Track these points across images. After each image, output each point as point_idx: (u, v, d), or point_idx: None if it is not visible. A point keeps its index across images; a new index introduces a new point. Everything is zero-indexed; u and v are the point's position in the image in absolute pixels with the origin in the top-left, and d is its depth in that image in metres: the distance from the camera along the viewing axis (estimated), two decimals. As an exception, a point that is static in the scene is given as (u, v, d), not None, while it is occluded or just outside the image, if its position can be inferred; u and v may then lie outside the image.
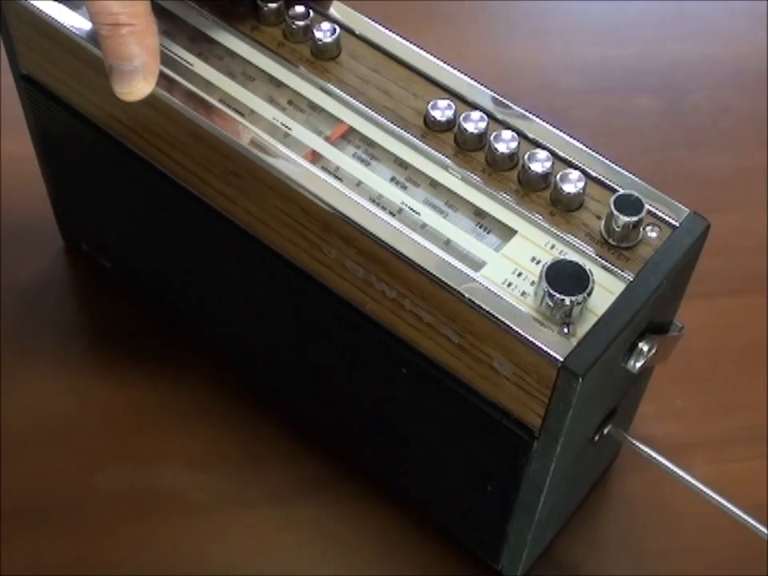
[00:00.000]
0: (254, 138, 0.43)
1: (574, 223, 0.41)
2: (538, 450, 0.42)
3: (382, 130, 0.44)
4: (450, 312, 0.41)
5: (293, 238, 0.45)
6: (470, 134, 0.42)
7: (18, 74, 0.52)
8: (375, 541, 0.53)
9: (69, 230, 0.61)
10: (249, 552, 0.53)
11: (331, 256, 0.44)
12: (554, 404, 0.40)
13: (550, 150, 0.42)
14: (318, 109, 0.44)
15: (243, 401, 0.57)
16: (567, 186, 0.41)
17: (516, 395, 0.41)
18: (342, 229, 0.42)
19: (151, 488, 0.54)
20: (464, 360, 0.42)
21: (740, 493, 0.55)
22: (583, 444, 0.46)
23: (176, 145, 0.47)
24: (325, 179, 0.42)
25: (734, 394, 0.59)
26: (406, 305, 0.42)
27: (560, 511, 0.51)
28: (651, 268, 0.40)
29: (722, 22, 0.77)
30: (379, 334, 0.45)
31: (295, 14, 0.46)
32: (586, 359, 0.38)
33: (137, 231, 0.55)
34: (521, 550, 0.49)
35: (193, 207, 0.48)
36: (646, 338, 0.41)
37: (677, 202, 0.42)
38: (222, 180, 0.46)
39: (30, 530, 0.53)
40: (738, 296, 0.62)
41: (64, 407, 0.57)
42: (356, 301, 0.45)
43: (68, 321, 0.60)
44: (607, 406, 0.46)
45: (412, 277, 0.41)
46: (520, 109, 0.44)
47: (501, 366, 0.41)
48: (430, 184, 0.42)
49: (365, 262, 0.42)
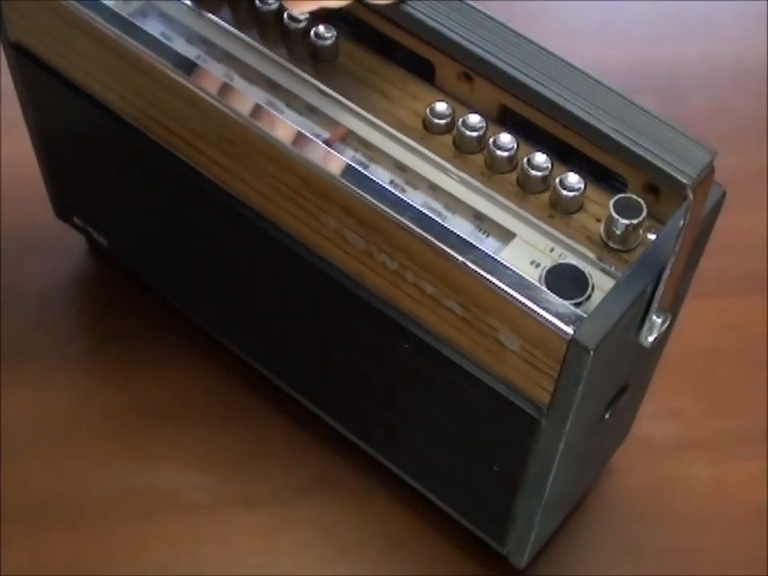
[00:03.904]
0: (250, 103, 0.43)
1: (574, 226, 0.41)
2: (547, 427, 0.41)
3: (380, 132, 0.43)
4: (453, 283, 0.40)
5: (290, 208, 0.44)
6: (469, 137, 0.42)
7: (7, 42, 0.51)
8: (376, 541, 0.53)
9: (61, 204, 0.60)
10: (249, 552, 0.53)
11: (329, 226, 0.43)
12: (563, 379, 0.39)
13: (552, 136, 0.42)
14: (316, 111, 0.44)
15: (244, 401, 0.57)
16: (566, 188, 0.41)
17: (523, 370, 0.41)
18: (341, 197, 0.41)
19: (151, 488, 0.54)
20: (468, 334, 0.41)
21: (740, 493, 0.55)
22: (593, 422, 0.45)
23: (170, 112, 0.46)
24: (323, 146, 0.42)
25: (734, 394, 0.59)
26: (408, 276, 0.42)
27: (569, 493, 0.50)
28: (666, 237, 0.40)
29: (722, 22, 0.77)
30: (380, 307, 0.44)
31: (294, 16, 0.45)
32: (597, 332, 0.37)
33: (130, 203, 0.54)
34: (528, 533, 0.48)
35: (187, 177, 0.48)
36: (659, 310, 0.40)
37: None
38: (217, 148, 0.45)
39: (30, 529, 0.53)
40: (738, 296, 0.62)
41: (64, 407, 0.57)
42: (355, 274, 0.44)
43: (68, 321, 0.60)
44: (618, 382, 0.45)
45: (414, 246, 0.40)
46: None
47: (507, 340, 0.40)
48: (429, 187, 0.42)
49: (365, 232, 0.42)
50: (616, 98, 0.38)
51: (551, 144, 0.43)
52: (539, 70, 0.38)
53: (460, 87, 0.44)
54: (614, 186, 0.42)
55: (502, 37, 0.39)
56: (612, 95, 0.38)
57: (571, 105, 0.37)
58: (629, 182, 0.41)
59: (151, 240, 0.56)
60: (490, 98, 0.43)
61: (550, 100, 0.38)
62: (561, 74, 0.38)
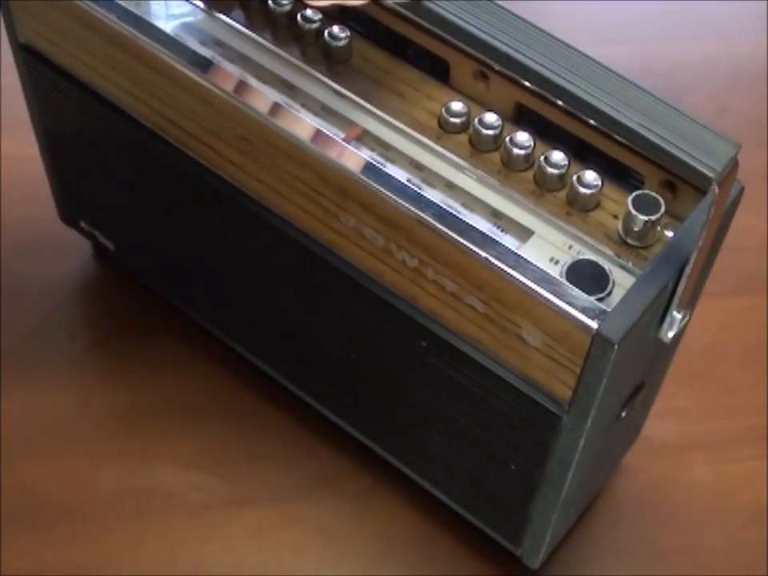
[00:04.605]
0: (267, 100, 0.43)
1: (591, 223, 0.41)
2: (567, 424, 0.41)
3: (396, 132, 0.43)
4: (475, 279, 0.40)
5: (307, 206, 0.44)
6: (486, 135, 0.42)
7: (16, 43, 0.51)
8: (376, 540, 0.53)
9: (68, 208, 0.59)
10: (249, 552, 0.53)
11: (349, 225, 0.43)
12: (586, 374, 0.39)
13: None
14: (332, 112, 0.44)
15: (243, 401, 0.57)
16: (584, 185, 0.41)
17: (545, 366, 0.40)
18: (360, 194, 0.41)
19: (151, 488, 0.54)
20: (489, 331, 0.41)
21: (740, 493, 0.55)
22: (611, 420, 0.44)
23: (183, 111, 0.46)
24: (342, 143, 0.41)
25: (734, 394, 0.59)
26: (429, 274, 0.42)
27: (583, 493, 0.50)
28: (686, 232, 0.39)
29: (722, 22, 0.77)
30: (398, 306, 0.44)
31: (307, 17, 0.45)
32: (621, 326, 0.37)
33: (140, 206, 0.54)
34: (544, 533, 0.47)
35: (201, 177, 0.47)
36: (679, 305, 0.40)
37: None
38: (232, 147, 0.45)
39: (30, 529, 0.53)
40: (738, 296, 0.62)
41: (64, 407, 0.57)
42: (374, 272, 0.44)
43: (69, 321, 0.60)
44: (636, 379, 0.45)
45: (435, 243, 0.40)
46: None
47: (529, 336, 0.40)
48: (446, 185, 0.42)
49: (384, 229, 0.42)
50: (638, 92, 0.38)
51: (567, 142, 0.42)
52: (559, 63, 0.38)
53: (475, 86, 0.44)
54: (631, 183, 0.42)
55: (521, 30, 0.39)
56: (634, 89, 0.38)
57: (594, 99, 0.37)
58: (646, 178, 0.41)
59: (161, 243, 0.55)
60: (505, 97, 0.43)
61: (573, 94, 0.37)
62: (581, 67, 0.38)
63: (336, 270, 0.45)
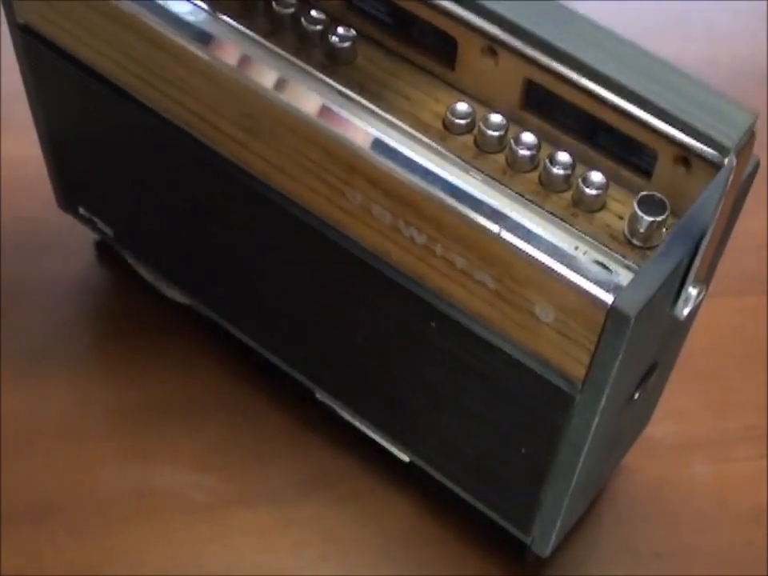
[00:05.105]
0: (271, 75, 0.42)
1: (597, 224, 0.41)
2: (581, 403, 0.40)
3: (400, 133, 0.42)
4: (486, 255, 0.39)
5: (313, 184, 0.43)
6: (491, 136, 0.42)
7: (14, 23, 0.50)
8: (376, 541, 0.53)
9: (66, 194, 0.58)
10: (249, 552, 0.53)
11: (355, 202, 0.42)
12: (600, 351, 0.38)
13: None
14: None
15: (244, 401, 0.57)
16: (589, 186, 0.40)
17: (558, 344, 0.39)
18: (367, 169, 0.40)
19: (151, 488, 0.54)
20: (500, 308, 0.40)
21: (740, 493, 0.55)
22: (624, 401, 0.43)
23: (185, 89, 0.45)
24: (349, 117, 0.41)
25: (734, 393, 0.59)
26: (437, 250, 0.41)
27: (594, 480, 0.49)
28: (702, 206, 0.38)
29: (722, 22, 0.77)
30: (406, 285, 0.43)
31: (312, 19, 0.45)
32: (637, 300, 0.36)
33: (140, 189, 0.53)
34: (554, 520, 0.46)
35: (203, 157, 0.46)
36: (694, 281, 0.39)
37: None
38: (235, 124, 0.44)
39: (30, 529, 0.53)
40: (738, 296, 0.62)
41: (65, 406, 0.57)
42: (381, 251, 0.43)
43: (69, 320, 0.60)
44: (649, 358, 0.44)
45: (445, 218, 0.39)
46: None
47: (542, 312, 0.39)
48: None
49: (392, 205, 0.41)
50: (651, 61, 0.37)
51: (577, 119, 0.41)
52: (570, 34, 0.37)
53: (483, 63, 0.42)
54: (644, 160, 0.41)
55: (531, 2, 0.38)
56: (647, 58, 0.37)
57: (606, 68, 0.37)
58: (659, 154, 0.40)
59: (162, 227, 0.54)
60: (515, 73, 0.42)
61: (584, 63, 0.37)
62: (592, 37, 0.37)
63: (342, 249, 0.44)
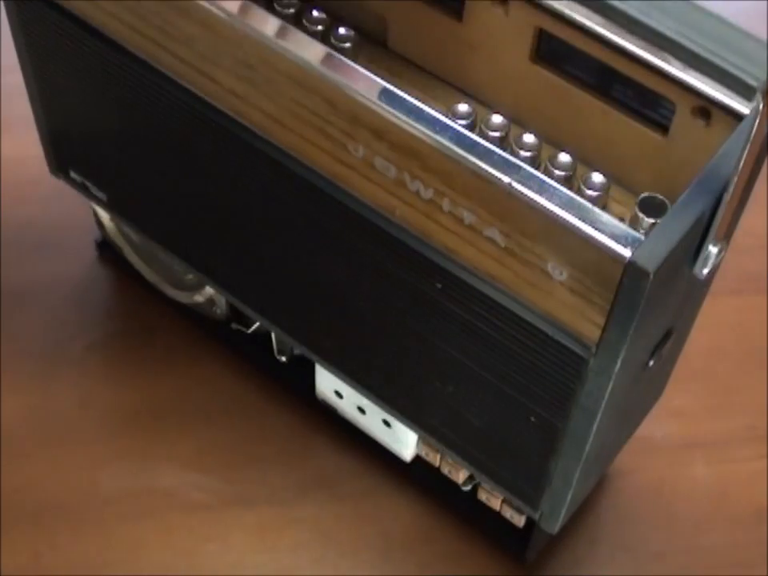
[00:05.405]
0: (271, 22, 0.40)
1: None
2: (594, 367, 0.38)
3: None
4: (496, 208, 0.37)
5: (314, 137, 0.41)
6: (492, 137, 0.41)
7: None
8: (376, 541, 0.53)
9: (58, 157, 0.56)
10: (249, 552, 0.53)
11: (358, 155, 0.40)
12: (616, 311, 0.36)
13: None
14: None
15: (244, 401, 0.57)
16: (590, 188, 0.39)
17: (571, 303, 0.37)
18: (371, 119, 0.38)
19: (151, 488, 0.54)
20: (511, 266, 0.38)
21: (740, 493, 0.55)
22: (638, 368, 0.41)
23: (181, 38, 0.43)
24: (352, 64, 0.39)
25: (734, 394, 0.59)
26: (444, 205, 0.38)
27: (605, 454, 0.48)
28: (723, 158, 0.36)
29: (722, 21, 0.77)
30: (411, 244, 0.41)
31: (313, 19, 0.45)
32: (656, 254, 0.34)
33: (134, 148, 0.50)
34: (564, 493, 0.44)
35: (199, 111, 0.44)
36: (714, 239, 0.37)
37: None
38: (233, 75, 0.42)
39: (30, 530, 0.53)
40: (738, 296, 0.62)
41: (64, 407, 0.57)
42: (385, 207, 0.41)
43: (69, 321, 0.60)
44: (666, 322, 0.42)
45: (453, 169, 0.37)
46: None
47: (554, 270, 0.37)
48: None
49: (397, 157, 0.39)
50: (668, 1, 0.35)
51: (591, 71, 0.40)
52: None
53: (493, 13, 0.41)
54: (661, 114, 0.40)
55: None
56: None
57: (628, 6, 0.35)
58: (677, 106, 0.39)
59: (156, 189, 0.52)
60: (525, 22, 0.40)
61: (599, 8, 0.35)
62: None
63: (343, 206, 0.42)
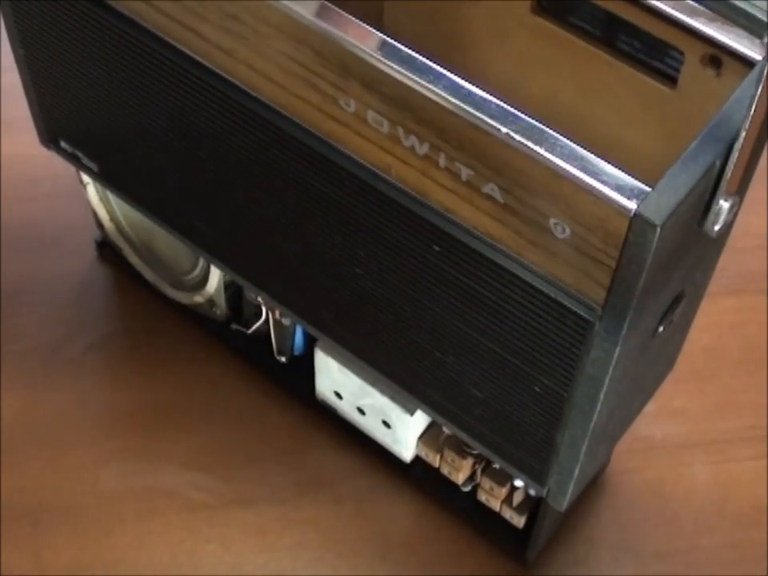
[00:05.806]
0: None
1: None
2: (601, 331, 0.36)
3: None
4: (494, 162, 0.35)
5: (303, 92, 0.39)
6: None
7: None
8: (375, 541, 0.53)
9: (48, 127, 0.54)
10: (249, 552, 0.53)
11: (349, 110, 0.38)
12: (622, 269, 0.34)
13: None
14: None
15: (244, 401, 0.57)
16: None
17: (575, 262, 0.35)
18: (363, 70, 0.36)
19: (151, 488, 0.54)
20: (511, 225, 0.36)
21: (740, 493, 0.55)
22: (647, 335, 0.39)
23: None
24: (340, 13, 0.37)
25: (734, 393, 0.59)
26: (441, 161, 0.36)
27: (614, 426, 0.45)
28: (734, 106, 0.35)
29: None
30: (407, 204, 0.39)
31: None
32: (664, 206, 0.32)
33: (123, 114, 0.48)
34: (572, 468, 0.42)
35: (185, 69, 0.43)
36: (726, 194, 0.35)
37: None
38: (219, 28, 0.40)
39: (30, 530, 0.53)
40: (738, 296, 0.62)
41: (64, 407, 0.57)
42: (379, 166, 0.39)
43: (69, 320, 0.60)
44: (676, 286, 0.39)
45: (449, 121, 0.35)
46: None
47: (557, 227, 0.35)
48: None
49: (390, 111, 0.37)
50: None
51: (595, 22, 0.39)
52: None
53: None
54: (668, 64, 0.39)
55: None
56: None
57: None
58: (686, 55, 0.37)
59: (146, 154, 0.50)
60: None
61: None
62: None
63: (336, 166, 0.40)
